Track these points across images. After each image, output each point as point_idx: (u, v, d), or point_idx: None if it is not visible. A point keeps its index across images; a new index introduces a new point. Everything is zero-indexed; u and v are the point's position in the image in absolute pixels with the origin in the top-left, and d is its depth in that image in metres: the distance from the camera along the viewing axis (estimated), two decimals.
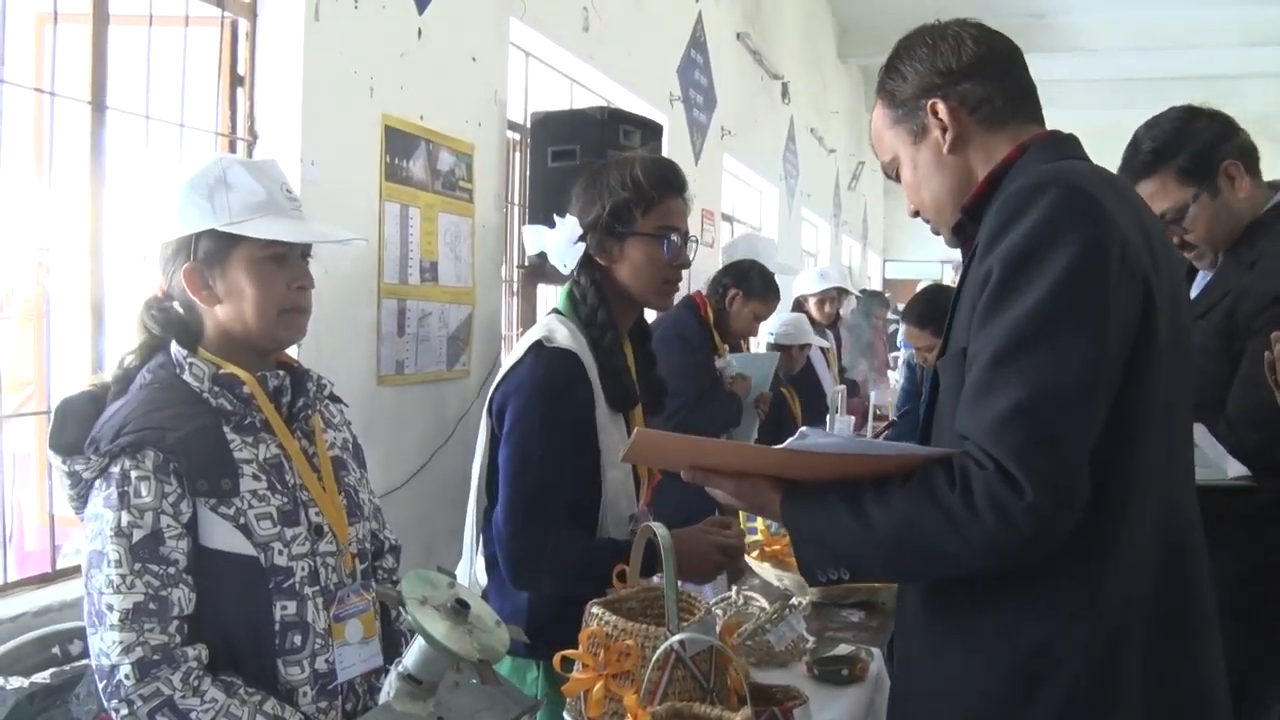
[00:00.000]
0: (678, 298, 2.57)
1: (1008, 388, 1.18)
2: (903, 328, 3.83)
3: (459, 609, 1.23)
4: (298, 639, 1.50)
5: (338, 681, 1.55)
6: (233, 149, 2.80)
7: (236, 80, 2.81)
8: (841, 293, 5.38)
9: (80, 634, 2.11)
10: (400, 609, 1.21)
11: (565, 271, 1.99)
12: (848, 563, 1.30)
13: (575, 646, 1.58)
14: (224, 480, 1.45)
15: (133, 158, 2.52)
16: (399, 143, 3.24)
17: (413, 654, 1.23)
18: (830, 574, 1.31)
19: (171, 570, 1.43)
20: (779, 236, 8.78)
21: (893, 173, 1.52)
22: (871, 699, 2.09)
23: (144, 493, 1.42)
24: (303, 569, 1.51)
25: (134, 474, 1.42)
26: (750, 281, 3.84)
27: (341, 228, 1.69)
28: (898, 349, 6.60)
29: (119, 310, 2.46)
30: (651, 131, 4.35)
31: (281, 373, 1.59)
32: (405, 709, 1.21)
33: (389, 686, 1.26)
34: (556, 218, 2.00)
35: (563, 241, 1.94)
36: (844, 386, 4.70)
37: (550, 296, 4.41)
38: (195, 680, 1.41)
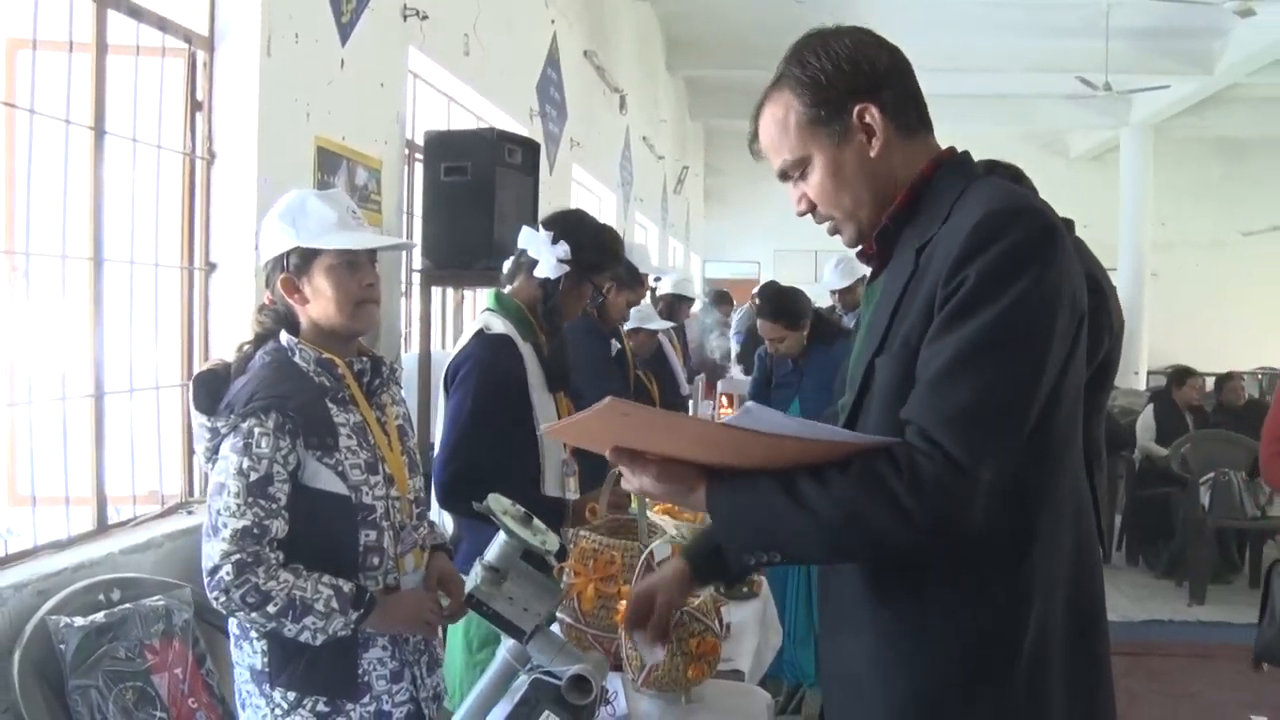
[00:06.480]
0: None
1: (970, 384, 1.25)
2: (757, 321, 4.47)
3: (527, 518, 1.74)
4: (375, 560, 1.97)
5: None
6: (192, 167, 3.16)
7: (195, 105, 3.16)
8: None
9: (118, 584, 2.48)
10: (492, 515, 1.71)
11: (546, 276, 2.56)
12: (781, 546, 1.33)
13: None
14: (328, 438, 1.92)
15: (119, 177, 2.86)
16: (327, 161, 3.64)
17: (494, 550, 1.73)
18: (761, 557, 1.35)
19: (274, 506, 1.87)
20: None
21: (796, 173, 1.47)
22: (765, 608, 2.72)
23: (263, 446, 1.87)
24: (381, 507, 1.98)
25: (257, 430, 1.87)
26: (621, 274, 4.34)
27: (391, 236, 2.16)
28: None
29: (117, 310, 2.82)
30: (531, 150, 4.85)
31: (365, 359, 2.06)
32: (490, 590, 1.71)
33: (475, 576, 1.76)
34: (544, 232, 2.63)
35: (553, 260, 2.51)
36: (701, 375, 5.35)
37: (441, 297, 4.95)
38: (274, 571, 1.85)
